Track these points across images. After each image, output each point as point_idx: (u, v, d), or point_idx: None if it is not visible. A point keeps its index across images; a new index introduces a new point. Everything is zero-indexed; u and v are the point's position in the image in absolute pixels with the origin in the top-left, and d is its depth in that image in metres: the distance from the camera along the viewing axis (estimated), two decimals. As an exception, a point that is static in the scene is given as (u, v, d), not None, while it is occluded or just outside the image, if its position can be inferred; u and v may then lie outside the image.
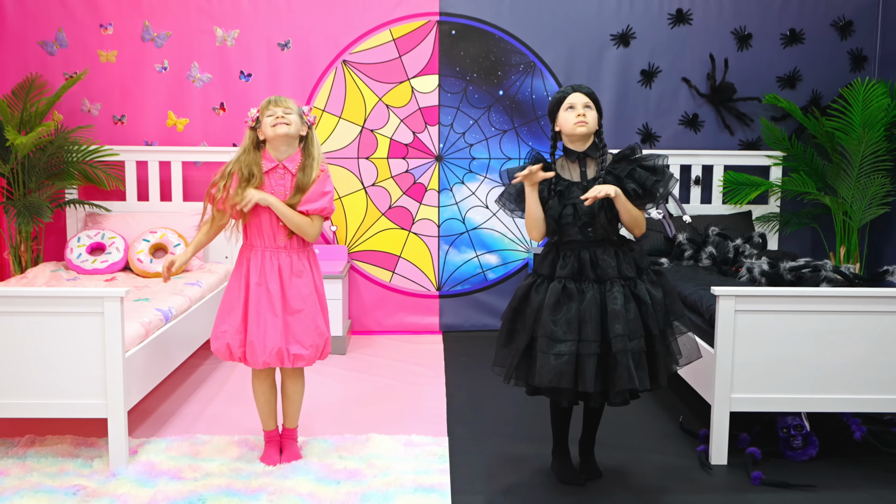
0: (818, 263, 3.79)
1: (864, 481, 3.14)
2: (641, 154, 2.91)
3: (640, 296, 2.83)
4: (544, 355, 2.77)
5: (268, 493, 2.94)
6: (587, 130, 2.88)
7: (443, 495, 2.94)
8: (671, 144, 5.30)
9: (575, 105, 2.87)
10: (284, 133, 3.04)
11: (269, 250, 3.11)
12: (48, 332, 3.10)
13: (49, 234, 5.10)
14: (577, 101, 2.87)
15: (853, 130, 4.82)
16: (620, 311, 2.77)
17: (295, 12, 5.10)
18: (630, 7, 5.21)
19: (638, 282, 2.86)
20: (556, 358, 2.75)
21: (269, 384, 3.25)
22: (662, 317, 2.86)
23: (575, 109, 2.87)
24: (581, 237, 2.87)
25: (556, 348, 2.76)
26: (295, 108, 3.09)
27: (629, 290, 2.83)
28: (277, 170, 3.09)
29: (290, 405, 3.27)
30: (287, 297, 3.09)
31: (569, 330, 2.77)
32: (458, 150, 5.28)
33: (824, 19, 5.25)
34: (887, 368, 3.21)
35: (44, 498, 2.89)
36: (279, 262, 3.10)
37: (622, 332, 2.75)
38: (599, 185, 2.80)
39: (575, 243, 2.88)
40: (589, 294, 2.81)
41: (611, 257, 2.85)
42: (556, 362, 2.75)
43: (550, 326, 2.78)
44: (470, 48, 5.20)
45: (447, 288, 5.39)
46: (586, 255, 2.86)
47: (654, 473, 3.20)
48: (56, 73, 5.01)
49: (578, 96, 2.88)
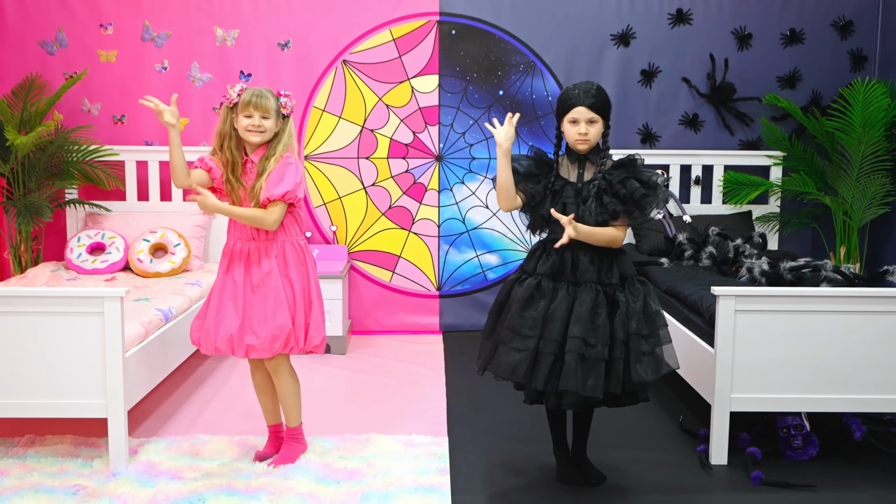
0: (818, 263, 3.79)
1: (864, 481, 3.14)
2: (641, 167, 2.89)
3: (618, 301, 2.82)
4: (505, 347, 2.83)
5: (268, 493, 2.94)
6: (587, 147, 2.90)
7: (443, 495, 2.94)
8: (671, 144, 5.30)
9: (578, 120, 2.87)
10: (258, 142, 3.08)
11: (239, 241, 3.13)
12: (48, 332, 3.10)
13: (49, 234, 5.10)
14: (580, 117, 2.86)
15: (853, 130, 4.82)
16: (583, 315, 2.77)
17: (295, 12, 5.10)
18: (630, 7, 5.21)
19: (618, 289, 2.85)
20: (515, 352, 2.80)
21: (263, 377, 3.26)
22: (635, 323, 2.80)
23: (577, 125, 2.87)
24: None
25: (517, 342, 2.80)
26: (273, 107, 3.07)
27: (606, 295, 2.82)
28: (249, 160, 3.12)
29: (281, 402, 3.26)
30: (249, 287, 3.09)
31: (533, 326, 2.80)
32: (459, 150, 5.28)
33: (824, 19, 5.25)
34: (887, 368, 3.21)
35: (44, 498, 2.89)
36: (248, 252, 3.11)
37: (578, 335, 2.75)
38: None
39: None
40: (561, 294, 2.82)
41: (592, 262, 2.85)
42: (513, 356, 2.79)
43: (516, 320, 2.82)
44: (470, 48, 5.20)
45: (447, 288, 5.39)
46: (568, 255, 2.87)
47: (654, 473, 3.20)
48: (56, 73, 5.01)
49: (583, 111, 2.85)
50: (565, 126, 2.91)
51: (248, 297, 3.09)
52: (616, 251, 2.92)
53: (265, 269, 3.08)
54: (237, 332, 3.07)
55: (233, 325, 3.07)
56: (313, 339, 3.14)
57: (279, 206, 3.05)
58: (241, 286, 3.09)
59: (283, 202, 3.05)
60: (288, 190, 3.03)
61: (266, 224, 3.04)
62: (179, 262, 4.62)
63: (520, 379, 2.81)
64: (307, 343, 3.13)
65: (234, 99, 3.07)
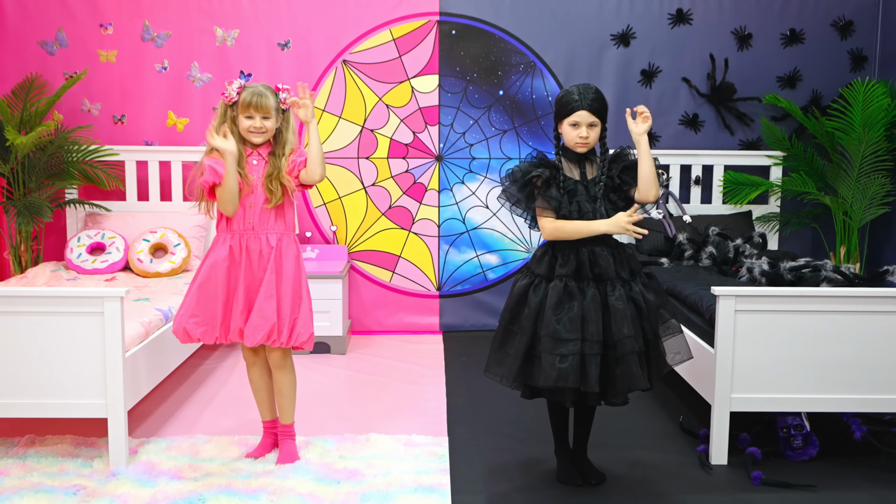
0: (818, 263, 3.79)
1: (864, 481, 3.14)
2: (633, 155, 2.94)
3: (635, 298, 2.85)
4: (549, 355, 2.77)
5: (268, 493, 2.94)
6: (587, 150, 2.93)
7: (443, 495, 2.94)
8: (671, 144, 5.30)
9: (579, 124, 2.88)
10: (259, 142, 3.09)
11: (237, 232, 3.12)
12: (48, 332, 3.10)
13: (49, 233, 5.10)
14: (581, 120, 2.87)
15: (853, 130, 4.82)
16: (625, 312, 2.79)
17: (295, 12, 5.10)
18: (630, 7, 5.21)
19: (632, 284, 2.88)
20: (561, 359, 2.75)
21: (259, 371, 3.26)
22: (654, 319, 2.89)
23: (578, 128, 2.88)
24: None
25: (561, 349, 2.76)
26: (273, 106, 3.07)
27: (626, 291, 2.85)
28: (253, 154, 3.12)
29: (278, 398, 3.25)
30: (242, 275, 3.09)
31: (572, 329, 2.77)
32: (459, 150, 5.28)
33: (824, 19, 5.26)
34: (887, 368, 3.21)
35: (44, 498, 2.89)
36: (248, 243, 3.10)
37: (630, 334, 2.77)
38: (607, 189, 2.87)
39: (573, 242, 2.89)
40: (590, 293, 2.82)
41: (609, 256, 2.87)
42: (561, 363, 2.75)
43: (554, 325, 2.78)
44: (470, 48, 5.20)
45: (447, 288, 5.39)
46: (584, 254, 2.87)
47: (654, 473, 3.20)
48: (56, 73, 5.01)
49: (584, 115, 2.87)
50: (565, 128, 2.92)
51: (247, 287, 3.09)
52: (622, 246, 2.94)
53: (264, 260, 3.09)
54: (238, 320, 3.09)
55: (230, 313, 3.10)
56: (300, 336, 3.11)
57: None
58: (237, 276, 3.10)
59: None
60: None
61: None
62: (179, 262, 4.62)
63: (574, 385, 2.75)
64: (293, 338, 3.11)
65: (233, 97, 3.07)
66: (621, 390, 2.82)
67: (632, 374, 2.78)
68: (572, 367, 2.74)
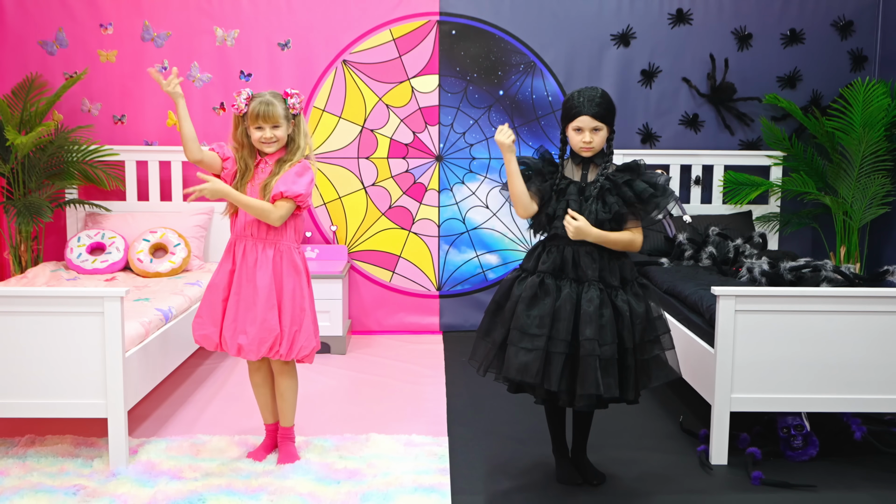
0: (818, 263, 3.79)
1: (864, 481, 3.14)
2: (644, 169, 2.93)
3: (619, 306, 2.83)
4: (514, 348, 2.81)
5: (268, 493, 2.94)
6: (591, 154, 2.93)
7: (443, 495, 2.94)
8: (671, 144, 5.30)
9: (583, 129, 2.88)
10: (272, 151, 3.10)
11: (239, 239, 3.13)
12: (48, 332, 3.10)
13: (49, 233, 5.10)
14: (585, 126, 2.88)
15: (853, 130, 4.82)
16: (593, 315, 2.78)
17: (295, 12, 5.10)
18: (630, 7, 5.21)
19: (619, 291, 2.86)
20: (525, 353, 2.78)
21: (262, 377, 3.26)
22: (640, 331, 2.85)
23: (581, 133, 2.89)
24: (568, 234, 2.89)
25: (525, 342, 2.79)
26: (282, 114, 3.05)
27: (608, 296, 2.84)
28: (264, 161, 3.13)
29: (279, 402, 3.25)
30: (243, 286, 3.09)
31: (541, 325, 2.79)
32: (459, 150, 5.28)
33: (824, 19, 5.25)
34: (887, 368, 3.21)
35: (44, 498, 2.89)
36: (245, 251, 3.10)
37: (591, 336, 2.76)
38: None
39: (562, 240, 2.90)
40: (565, 291, 2.83)
41: (594, 260, 2.86)
42: (523, 357, 2.78)
43: (524, 320, 2.81)
44: (470, 48, 5.20)
45: (447, 288, 5.39)
46: (569, 253, 2.88)
47: (654, 473, 3.20)
48: (56, 73, 5.01)
49: (587, 120, 2.87)
50: (570, 133, 2.93)
51: (243, 296, 3.09)
52: (618, 253, 2.93)
53: (260, 270, 3.08)
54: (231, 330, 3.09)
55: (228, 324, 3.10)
56: (302, 349, 3.11)
57: (288, 204, 3.04)
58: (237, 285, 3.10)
59: (293, 202, 3.05)
60: (301, 193, 3.04)
61: (271, 219, 3.02)
62: (179, 262, 4.62)
63: (532, 379, 2.79)
64: (293, 351, 3.11)
65: (242, 108, 3.07)
66: (581, 394, 2.79)
67: (587, 377, 2.75)
68: (534, 361, 2.77)
